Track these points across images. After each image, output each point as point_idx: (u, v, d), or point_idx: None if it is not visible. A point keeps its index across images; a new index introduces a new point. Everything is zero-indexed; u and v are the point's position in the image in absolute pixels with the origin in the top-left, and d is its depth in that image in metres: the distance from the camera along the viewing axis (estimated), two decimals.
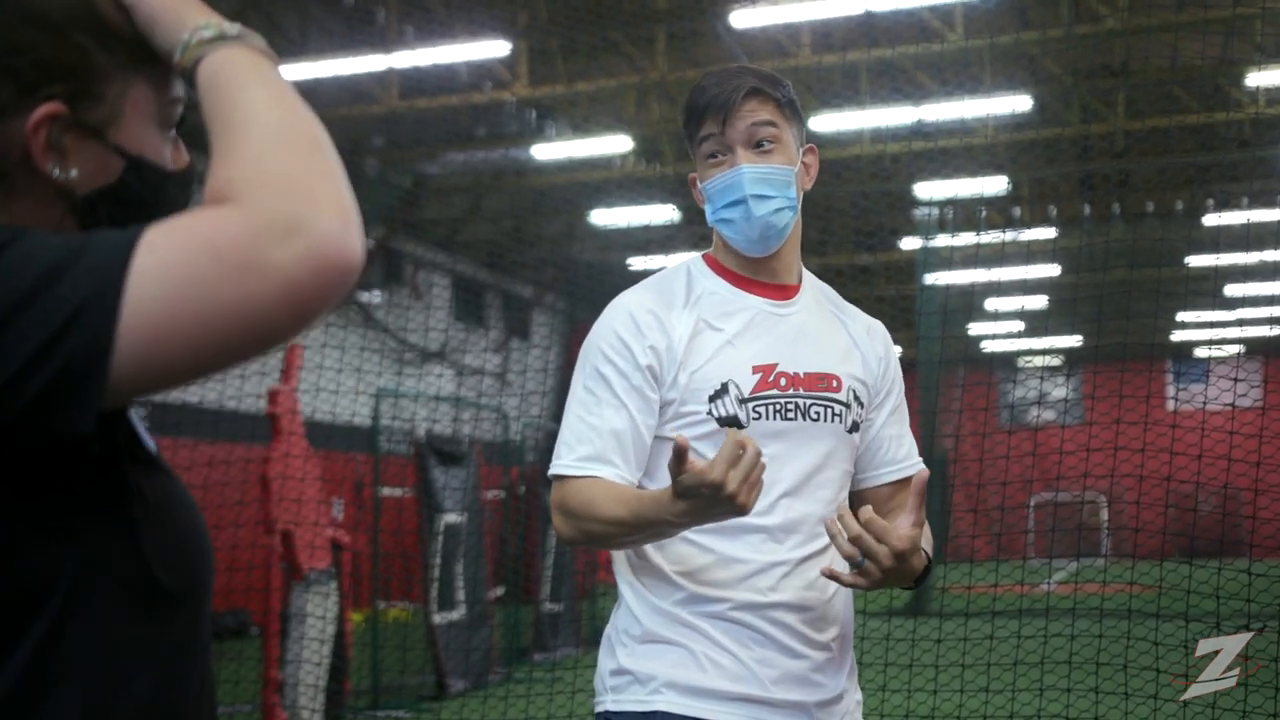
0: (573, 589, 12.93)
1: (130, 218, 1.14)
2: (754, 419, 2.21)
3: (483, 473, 11.66)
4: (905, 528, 2.07)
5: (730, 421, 2.20)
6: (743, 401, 2.22)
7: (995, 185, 17.35)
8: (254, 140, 1.09)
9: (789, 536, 2.22)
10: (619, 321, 2.26)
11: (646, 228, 18.82)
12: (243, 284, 1.01)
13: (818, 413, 2.26)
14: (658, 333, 2.23)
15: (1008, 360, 23.31)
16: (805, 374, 2.27)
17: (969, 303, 19.84)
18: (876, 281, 20.31)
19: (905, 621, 9.41)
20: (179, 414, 11.25)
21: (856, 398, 2.33)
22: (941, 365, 11.77)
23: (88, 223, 1.18)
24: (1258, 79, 13.66)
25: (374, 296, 19.62)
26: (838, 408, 2.29)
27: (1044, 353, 21.53)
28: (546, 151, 16.29)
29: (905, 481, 2.41)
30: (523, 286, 23.23)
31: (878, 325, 2.48)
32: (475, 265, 21.47)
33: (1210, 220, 17.68)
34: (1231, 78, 14.58)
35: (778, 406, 2.23)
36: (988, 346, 24.36)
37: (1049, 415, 18.20)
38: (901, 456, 2.42)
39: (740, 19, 12.56)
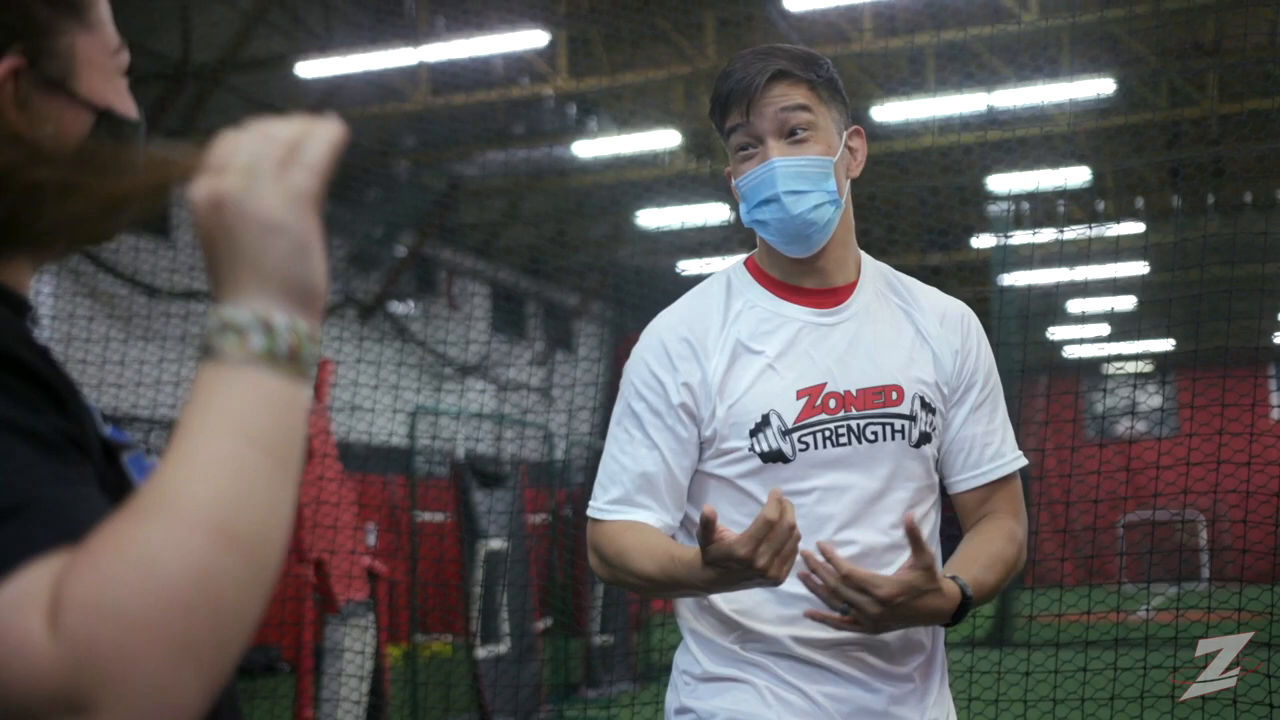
0: (625, 620, 12.90)
1: None
2: (801, 450, 2.18)
3: (527, 495, 11.67)
4: (902, 573, 2.05)
5: (774, 456, 2.17)
6: (786, 433, 2.18)
7: (1077, 177, 17.21)
8: (140, 546, 0.82)
9: None
10: (651, 353, 2.25)
11: (698, 229, 18.80)
12: None
13: (875, 432, 2.22)
14: (691, 364, 2.22)
15: (1094, 367, 23.10)
16: (859, 391, 2.22)
17: (1050, 305, 19.67)
18: (949, 283, 20.15)
19: (989, 653, 9.33)
20: None
21: (925, 404, 2.27)
22: (1022, 374, 11.67)
23: None
24: None
25: (407, 308, 19.72)
26: (899, 423, 2.24)
27: (1134, 358, 21.31)
28: (589, 149, 16.31)
29: (998, 483, 2.35)
30: (566, 294, 23.27)
31: (955, 310, 2.39)
32: (515, 272, 21.53)
33: None
34: None
35: (828, 433, 2.20)
36: (1071, 352, 24.14)
37: (1141, 427, 18.02)
38: (987, 459, 2.34)
39: (796, 2, 12.53)
